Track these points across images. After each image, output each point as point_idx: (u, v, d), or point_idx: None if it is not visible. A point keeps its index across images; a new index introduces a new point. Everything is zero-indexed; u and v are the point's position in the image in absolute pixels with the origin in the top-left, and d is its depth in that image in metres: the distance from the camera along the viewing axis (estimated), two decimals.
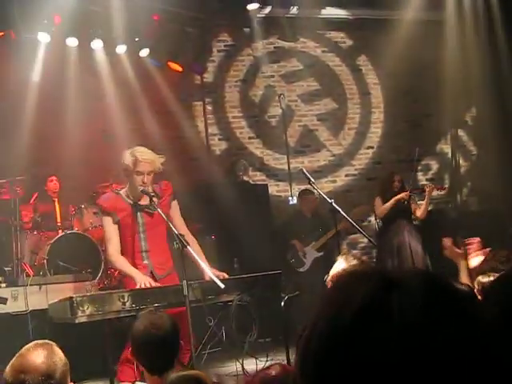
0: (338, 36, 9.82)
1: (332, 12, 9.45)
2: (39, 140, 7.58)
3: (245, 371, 5.02)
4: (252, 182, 9.03)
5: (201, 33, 8.77)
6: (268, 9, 9.08)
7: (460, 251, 3.84)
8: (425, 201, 7.82)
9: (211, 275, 4.40)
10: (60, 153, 7.58)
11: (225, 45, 9.36)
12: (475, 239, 3.90)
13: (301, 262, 8.11)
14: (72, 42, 7.79)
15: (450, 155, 10.16)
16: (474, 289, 3.18)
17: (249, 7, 8.81)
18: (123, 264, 4.66)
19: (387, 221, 7.80)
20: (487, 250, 3.85)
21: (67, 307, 4.07)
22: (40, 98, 7.71)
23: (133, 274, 4.56)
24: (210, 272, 4.47)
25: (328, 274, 3.42)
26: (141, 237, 4.75)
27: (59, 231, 7.07)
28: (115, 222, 4.72)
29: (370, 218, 9.15)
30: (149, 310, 3.40)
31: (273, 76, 9.48)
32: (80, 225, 7.25)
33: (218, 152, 9.20)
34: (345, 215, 5.26)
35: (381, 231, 8.10)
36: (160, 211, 4.56)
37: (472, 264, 3.81)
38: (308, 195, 8.16)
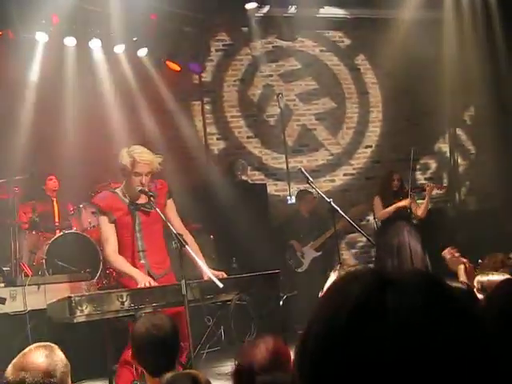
0: (337, 35, 9.83)
1: (330, 11, 9.45)
2: (37, 139, 7.57)
3: None
4: (250, 182, 9.03)
5: (199, 32, 8.77)
6: (266, 8, 9.08)
7: (456, 258, 3.87)
8: (425, 200, 7.82)
9: (210, 275, 4.39)
10: (58, 152, 7.58)
11: (223, 44, 9.36)
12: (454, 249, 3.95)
13: (299, 263, 8.12)
14: (70, 42, 7.78)
15: (449, 154, 10.17)
16: (474, 288, 3.19)
17: (247, 6, 8.80)
18: (122, 264, 4.62)
19: (386, 220, 7.80)
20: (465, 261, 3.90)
21: (65, 307, 4.06)
22: (38, 98, 7.70)
23: (133, 274, 4.52)
24: (209, 271, 4.45)
25: (322, 290, 3.41)
26: (137, 236, 4.72)
27: (58, 231, 7.06)
28: (111, 222, 4.69)
29: (369, 217, 9.16)
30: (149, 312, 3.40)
31: (271, 75, 9.48)
32: (79, 224, 7.25)
33: (217, 151, 9.20)
34: (343, 214, 5.26)
35: (380, 230, 8.09)
36: (159, 211, 4.55)
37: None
38: (306, 195, 8.17)
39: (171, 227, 4.40)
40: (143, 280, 4.43)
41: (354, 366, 0.75)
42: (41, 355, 2.31)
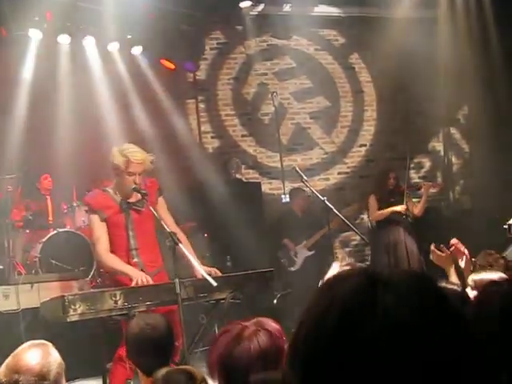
0: (331, 34, 9.82)
1: (325, 10, 9.45)
2: (30, 138, 7.54)
3: None
4: (245, 180, 9.02)
5: (193, 30, 8.75)
6: (261, 6, 9.08)
7: (444, 255, 3.83)
8: (422, 198, 7.82)
9: (203, 273, 4.38)
10: (51, 150, 7.55)
11: (217, 42, 9.34)
12: (454, 241, 3.90)
13: (292, 262, 8.12)
14: (64, 39, 7.74)
15: (443, 153, 10.19)
16: (466, 288, 3.19)
17: (242, 5, 8.79)
18: (115, 262, 4.61)
19: (382, 219, 7.77)
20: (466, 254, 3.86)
21: (59, 306, 4.05)
22: (31, 96, 7.67)
23: (127, 271, 4.50)
24: (202, 270, 4.45)
25: (322, 280, 3.41)
26: (130, 234, 4.70)
27: (51, 229, 7.04)
28: (102, 220, 4.66)
29: (363, 216, 9.17)
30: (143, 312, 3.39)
31: (265, 74, 9.47)
32: (72, 223, 7.23)
33: (211, 150, 9.19)
34: (337, 213, 5.27)
35: (375, 229, 8.08)
36: (152, 209, 4.54)
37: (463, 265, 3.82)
38: (299, 193, 8.16)
39: (164, 225, 4.39)
40: (137, 275, 4.42)
41: (346, 366, 0.74)
42: (35, 356, 2.29)
